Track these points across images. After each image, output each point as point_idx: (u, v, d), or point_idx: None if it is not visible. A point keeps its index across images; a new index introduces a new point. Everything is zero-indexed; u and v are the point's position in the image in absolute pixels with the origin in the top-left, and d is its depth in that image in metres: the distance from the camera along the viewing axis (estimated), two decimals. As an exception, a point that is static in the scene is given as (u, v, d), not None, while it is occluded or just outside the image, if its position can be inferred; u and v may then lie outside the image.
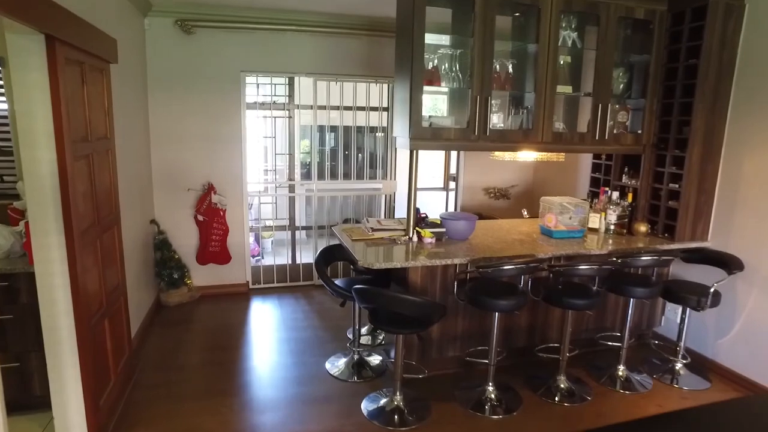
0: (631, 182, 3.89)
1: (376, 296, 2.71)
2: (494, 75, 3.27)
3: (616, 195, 3.81)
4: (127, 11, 3.82)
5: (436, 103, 5.73)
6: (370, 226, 3.42)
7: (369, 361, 3.60)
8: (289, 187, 5.35)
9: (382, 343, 3.79)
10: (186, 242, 4.76)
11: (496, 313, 3.04)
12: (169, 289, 4.61)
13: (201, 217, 4.63)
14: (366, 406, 3.06)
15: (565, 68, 3.55)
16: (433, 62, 3.23)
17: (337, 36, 4.79)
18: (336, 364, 3.55)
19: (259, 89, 5.01)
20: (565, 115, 3.72)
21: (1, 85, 3.09)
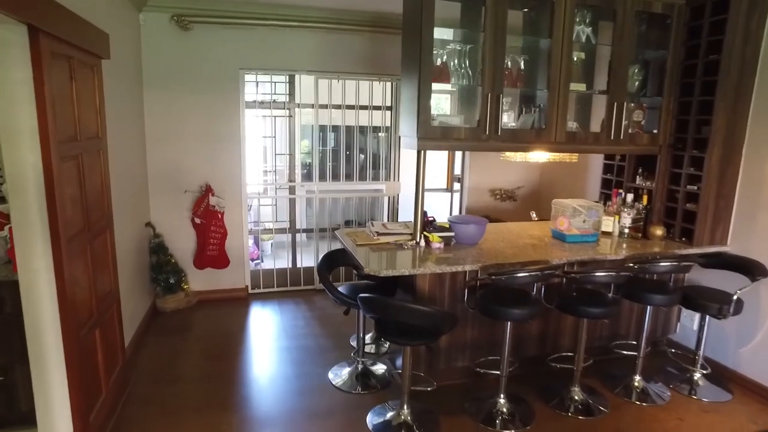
0: (646, 184, 3.74)
1: (383, 306, 2.56)
2: (505, 72, 3.12)
3: (630, 197, 3.66)
4: (121, 5, 3.66)
5: (439, 102, 5.59)
6: (375, 230, 3.27)
7: (373, 370, 3.44)
8: (289, 189, 5.19)
9: (387, 351, 3.64)
10: (183, 246, 4.60)
11: (509, 323, 2.89)
12: (165, 295, 4.45)
13: (198, 219, 4.47)
14: (371, 420, 2.90)
15: (578, 65, 3.41)
16: (442, 58, 3.08)
17: (339, 32, 4.63)
18: (339, 375, 3.40)
19: (259, 87, 4.85)
20: (577, 114, 3.57)
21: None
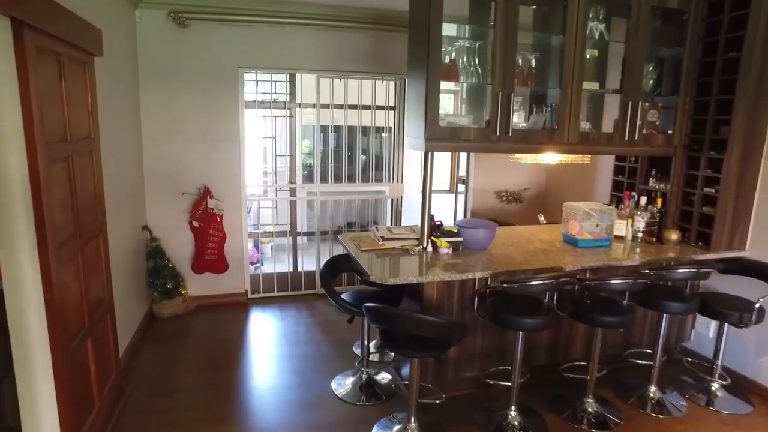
0: (660, 186, 3.61)
1: (390, 316, 2.43)
2: (515, 70, 2.99)
3: (644, 200, 3.53)
4: (115, 1, 3.52)
5: (442, 101, 5.46)
6: (380, 234, 3.14)
7: (378, 380, 3.31)
8: (290, 191, 5.06)
9: (393, 360, 3.50)
10: (180, 250, 4.47)
11: (521, 333, 2.76)
12: (162, 300, 4.32)
13: (196, 223, 4.34)
14: (377, 434, 2.78)
15: (590, 63, 3.28)
16: (450, 56, 2.95)
17: (341, 29, 4.50)
18: (343, 384, 3.27)
19: (259, 86, 4.72)
20: (589, 114, 3.44)
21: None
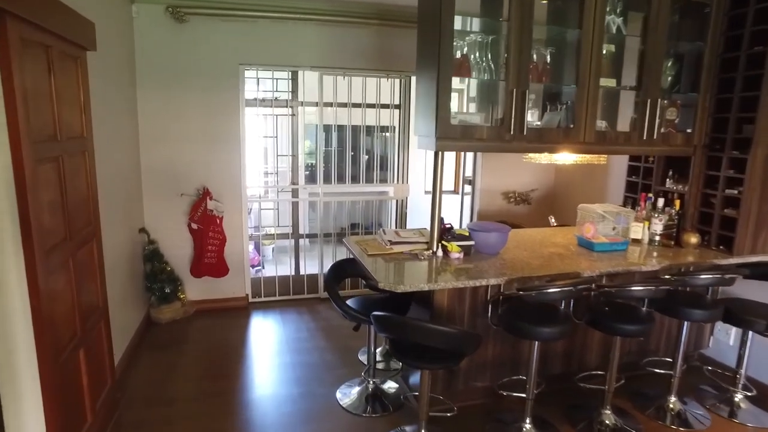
0: (677, 187, 3.47)
1: (400, 326, 2.28)
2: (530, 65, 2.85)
3: (661, 202, 3.39)
4: (111, -5, 3.39)
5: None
6: (387, 238, 2.99)
7: (385, 390, 3.17)
8: (292, 192, 4.92)
9: (400, 369, 3.36)
10: (179, 253, 4.33)
11: (536, 342, 2.62)
12: (160, 305, 4.18)
13: (195, 225, 4.20)
14: (385, 449, 2.63)
15: (607, 58, 3.13)
16: (462, 51, 2.81)
17: (345, 26, 4.36)
18: (348, 395, 3.12)
19: (260, 84, 4.58)
20: (604, 112, 3.29)
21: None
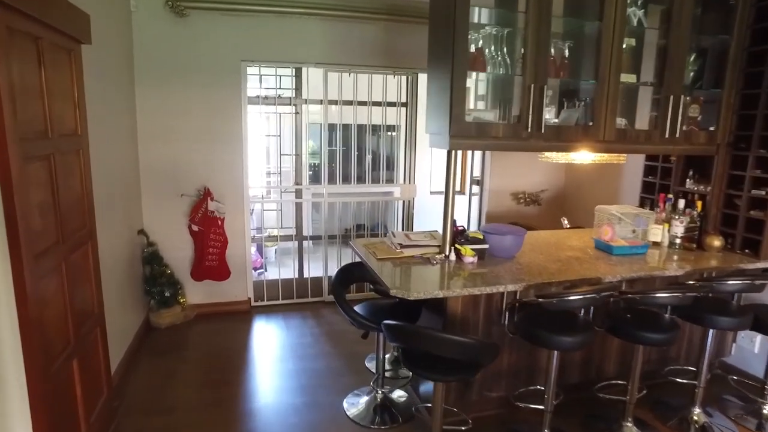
0: (698, 188, 3.33)
1: (414, 336, 2.14)
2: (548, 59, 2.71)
3: (682, 203, 3.24)
4: (109, -13, 3.25)
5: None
6: (397, 241, 2.85)
7: (394, 399, 3.03)
8: (295, 192, 4.78)
9: (410, 379, 3.21)
10: (179, 255, 4.19)
11: (555, 352, 2.47)
12: (159, 309, 4.04)
13: (196, 227, 4.06)
14: (396, 464, 2.50)
15: (627, 53, 2.99)
16: (477, 44, 2.67)
17: (350, 21, 4.22)
18: (356, 404, 2.99)
19: (263, 81, 4.44)
20: (623, 109, 3.14)
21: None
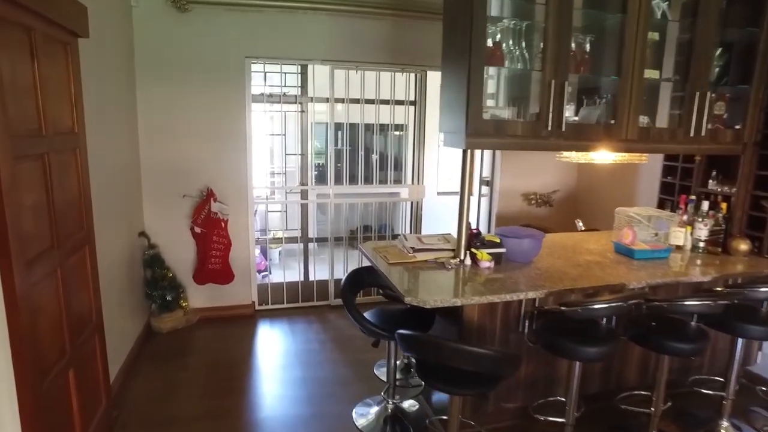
0: (722, 189, 3.19)
1: (432, 347, 2.01)
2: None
3: (706, 205, 3.10)
4: (109, -20, 3.14)
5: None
6: (409, 245, 2.72)
7: (406, 409, 2.91)
8: (301, 193, 4.66)
9: (422, 389, 3.08)
10: (181, 258, 4.07)
11: (578, 363, 2.34)
12: (161, 313, 3.92)
13: (198, 229, 3.93)
14: (409, 480, 2.36)
15: (650, 47, 2.85)
16: (494, 38, 2.54)
17: (358, 16, 4.09)
18: (365, 415, 2.86)
19: (267, 79, 4.32)
20: (644, 107, 3.01)
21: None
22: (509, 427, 2.76)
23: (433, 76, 4.59)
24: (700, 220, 3.08)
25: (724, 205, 3.08)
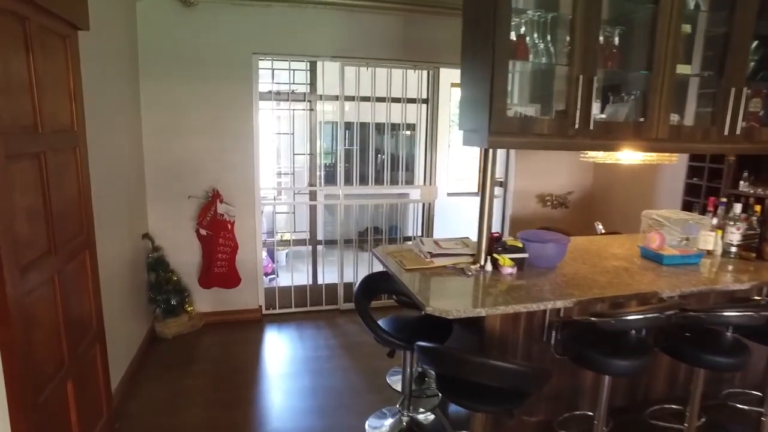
0: (755, 190, 3.03)
1: (454, 361, 1.86)
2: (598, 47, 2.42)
3: (738, 207, 2.94)
4: (112, -27, 3.01)
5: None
6: (426, 250, 2.58)
7: (422, 422, 2.76)
8: (309, 194, 4.52)
9: (439, 402, 2.92)
10: (186, 260, 3.95)
11: (607, 377, 2.19)
12: (165, 318, 3.80)
13: (204, 231, 3.81)
14: (427, 500, 2.22)
15: (681, 40, 2.69)
16: (518, 31, 2.39)
17: (368, 12, 3.95)
18: (379, 429, 2.72)
19: (275, 76, 4.19)
20: (674, 104, 2.85)
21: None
22: (531, 441, 2.62)
23: (446, 74, 4.45)
24: (733, 223, 2.91)
25: (758, 208, 2.92)
